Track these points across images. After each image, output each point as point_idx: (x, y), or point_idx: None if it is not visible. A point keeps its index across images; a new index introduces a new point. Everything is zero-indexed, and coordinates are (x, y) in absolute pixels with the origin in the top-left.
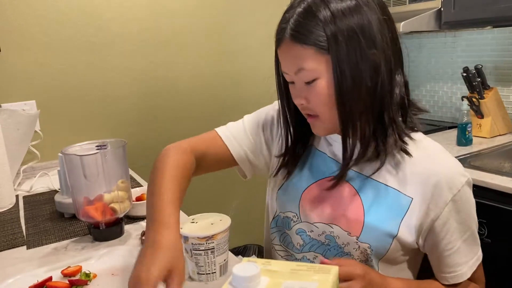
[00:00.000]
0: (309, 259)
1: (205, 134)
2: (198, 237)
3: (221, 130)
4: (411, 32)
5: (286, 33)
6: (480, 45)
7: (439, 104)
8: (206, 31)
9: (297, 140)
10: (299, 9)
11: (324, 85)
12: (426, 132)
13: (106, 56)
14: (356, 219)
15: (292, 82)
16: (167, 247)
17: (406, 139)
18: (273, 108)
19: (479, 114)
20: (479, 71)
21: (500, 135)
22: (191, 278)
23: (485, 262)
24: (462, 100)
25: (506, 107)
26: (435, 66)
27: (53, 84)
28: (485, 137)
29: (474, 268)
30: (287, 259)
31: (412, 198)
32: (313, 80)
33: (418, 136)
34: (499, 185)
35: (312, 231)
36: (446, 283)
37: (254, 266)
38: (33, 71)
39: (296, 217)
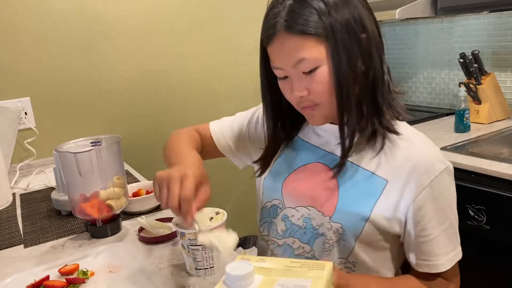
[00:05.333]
0: (288, 245)
1: (202, 125)
2: (195, 233)
3: (213, 123)
4: (407, 19)
5: (279, 26)
6: (476, 31)
7: (437, 91)
8: (200, 23)
9: (278, 139)
10: (289, 1)
11: (325, 72)
12: (423, 120)
13: (99, 50)
14: (330, 200)
15: (285, 77)
16: (194, 163)
17: (395, 122)
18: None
19: (477, 100)
20: (476, 56)
21: (498, 120)
22: (189, 274)
23: (484, 248)
24: (460, 86)
25: (503, 92)
26: (432, 53)
27: (47, 80)
28: (483, 123)
29: (453, 263)
30: (272, 249)
31: (387, 181)
32: (314, 69)
33: (401, 124)
34: (497, 172)
35: (293, 215)
36: (421, 270)
37: (247, 264)
38: (26, 67)
39: (281, 203)
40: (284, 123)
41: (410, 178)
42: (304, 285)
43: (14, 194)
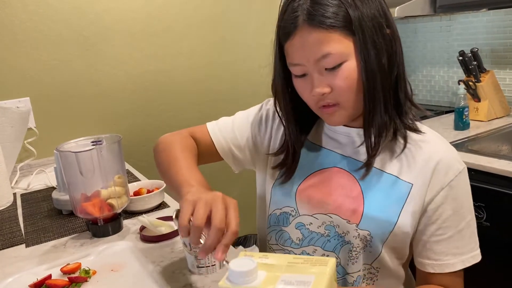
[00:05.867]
0: (308, 254)
1: (197, 127)
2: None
3: (210, 124)
4: (406, 17)
5: (301, 20)
6: (475, 28)
7: (436, 88)
8: (200, 21)
9: (297, 138)
10: None
11: (352, 67)
12: (423, 117)
13: (99, 50)
14: (355, 207)
15: (304, 75)
16: (204, 186)
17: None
18: (265, 105)
19: (476, 97)
20: (475, 54)
21: (497, 118)
22: (190, 272)
23: (484, 245)
24: (459, 84)
25: (502, 89)
26: (431, 51)
27: (47, 80)
28: (482, 121)
29: (467, 265)
30: None
31: (412, 184)
32: (340, 65)
33: (418, 124)
34: (497, 169)
35: (312, 223)
36: (432, 271)
37: (250, 260)
38: (26, 67)
39: (294, 211)
40: (302, 123)
41: (432, 178)
42: (307, 281)
43: (15, 194)
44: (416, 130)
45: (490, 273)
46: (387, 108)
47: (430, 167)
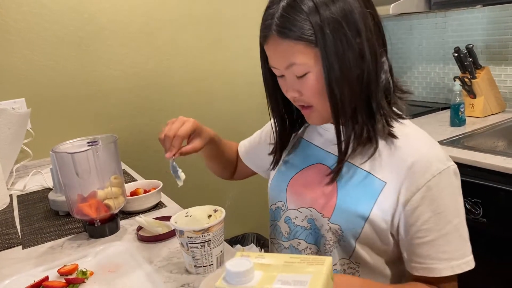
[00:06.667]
0: (294, 247)
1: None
2: (194, 230)
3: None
4: (401, 14)
5: (272, 29)
6: (470, 25)
7: (432, 85)
8: (196, 20)
9: (284, 129)
10: (282, 3)
11: (315, 78)
12: (419, 114)
13: (94, 50)
14: (329, 201)
15: (282, 76)
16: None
17: (393, 123)
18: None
19: (472, 94)
20: (470, 51)
21: (492, 114)
22: (188, 272)
23: (481, 241)
24: (454, 80)
25: (498, 85)
26: (426, 48)
27: (42, 81)
28: (478, 117)
29: (457, 271)
30: (279, 252)
31: (386, 183)
32: (305, 74)
33: (404, 122)
34: (493, 165)
35: (297, 217)
36: (417, 274)
37: (247, 260)
38: (21, 68)
39: (284, 205)
40: (291, 117)
41: (406, 178)
42: (304, 281)
43: (11, 196)
44: (391, 135)
45: (488, 269)
46: (356, 116)
47: (405, 167)
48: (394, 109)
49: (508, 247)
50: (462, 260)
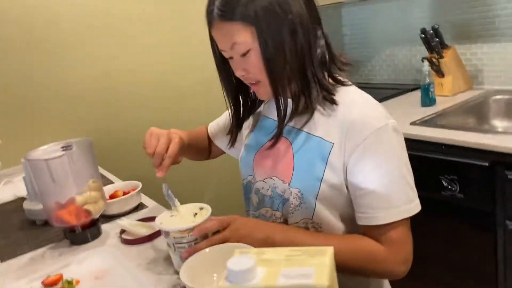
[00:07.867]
0: (263, 215)
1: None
2: (179, 231)
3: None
4: None
5: (214, 14)
6: (435, 5)
7: (400, 67)
8: (160, 18)
9: (238, 110)
10: None
11: (256, 54)
12: (389, 97)
13: (58, 53)
14: (288, 168)
15: (231, 58)
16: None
17: (336, 90)
18: None
19: (440, 73)
20: (436, 31)
21: (461, 92)
22: (177, 272)
23: (459, 216)
24: (422, 61)
25: (464, 64)
26: (392, 30)
27: (8, 86)
28: (448, 95)
29: (394, 219)
30: None
31: (333, 143)
32: (247, 52)
33: (350, 88)
34: (465, 141)
35: (263, 187)
36: (361, 223)
37: (248, 258)
38: None
39: (253, 178)
40: (246, 97)
41: (347, 137)
42: (308, 273)
43: None
44: (331, 101)
45: (467, 241)
46: (293, 86)
47: (346, 127)
48: (339, 77)
49: (485, 219)
50: (405, 207)
